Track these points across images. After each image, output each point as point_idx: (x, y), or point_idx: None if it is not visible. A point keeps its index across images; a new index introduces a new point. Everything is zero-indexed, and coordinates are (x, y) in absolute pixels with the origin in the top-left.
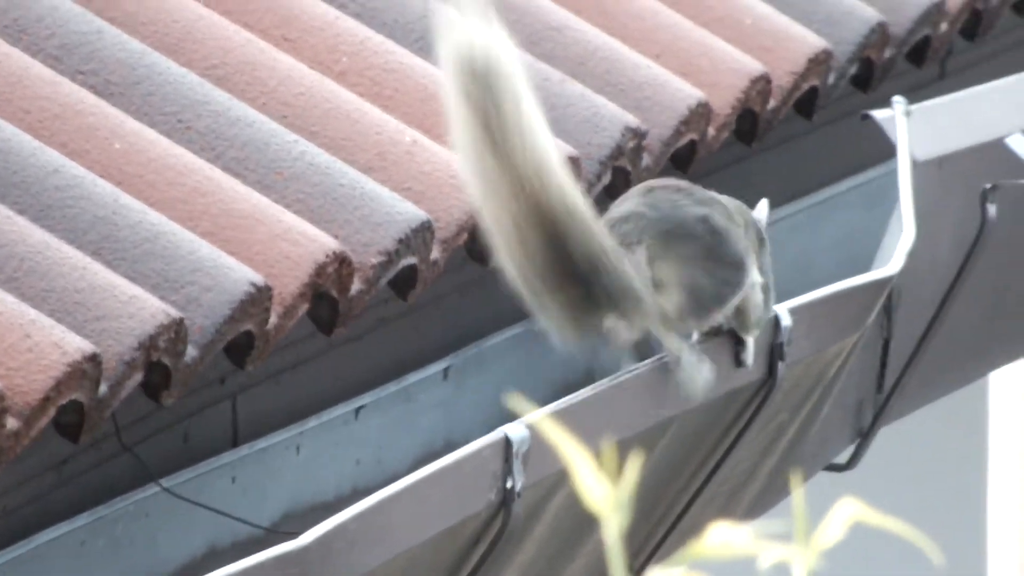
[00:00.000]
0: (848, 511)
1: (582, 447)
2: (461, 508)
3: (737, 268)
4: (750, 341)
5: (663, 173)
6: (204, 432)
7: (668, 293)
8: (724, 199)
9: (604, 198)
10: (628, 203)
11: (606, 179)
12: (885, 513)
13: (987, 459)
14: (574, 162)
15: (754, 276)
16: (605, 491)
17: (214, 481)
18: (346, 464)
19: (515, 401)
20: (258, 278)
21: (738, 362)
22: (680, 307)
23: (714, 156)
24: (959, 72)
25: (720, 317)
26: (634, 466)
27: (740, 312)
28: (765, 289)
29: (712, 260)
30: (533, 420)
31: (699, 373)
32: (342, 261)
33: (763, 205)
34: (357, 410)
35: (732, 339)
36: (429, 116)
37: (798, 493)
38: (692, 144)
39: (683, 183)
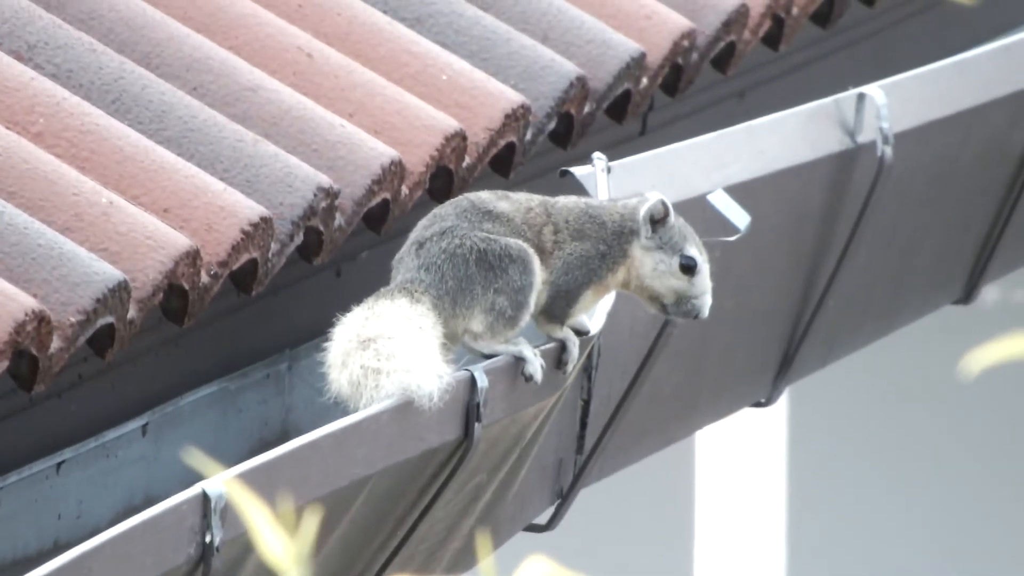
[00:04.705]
0: (538, 570)
1: (278, 503)
2: (161, 562)
3: (521, 274)
4: (572, 348)
5: (356, 233)
6: None
7: (475, 318)
8: (518, 206)
9: (296, 258)
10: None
11: (299, 239)
12: (583, 573)
13: (694, 518)
14: (266, 223)
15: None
16: (286, 546)
17: None
18: (47, 518)
19: (199, 459)
20: None
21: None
22: (488, 326)
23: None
24: (660, 128)
25: (528, 318)
26: (313, 522)
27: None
28: (546, 282)
29: (495, 286)
30: (231, 476)
31: (538, 368)
32: (41, 320)
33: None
34: (58, 465)
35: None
36: (125, 178)
37: (487, 555)
38: (386, 203)
39: (470, 205)
